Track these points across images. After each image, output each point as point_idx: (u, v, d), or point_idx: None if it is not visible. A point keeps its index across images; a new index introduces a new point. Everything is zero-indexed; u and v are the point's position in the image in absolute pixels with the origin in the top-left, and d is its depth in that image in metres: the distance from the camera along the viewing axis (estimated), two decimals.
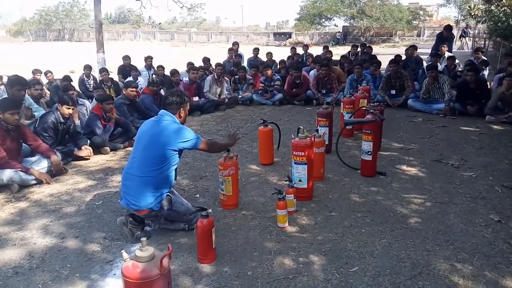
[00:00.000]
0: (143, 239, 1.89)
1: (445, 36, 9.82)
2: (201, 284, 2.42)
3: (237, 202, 3.45)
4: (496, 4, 13.85)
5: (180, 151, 3.01)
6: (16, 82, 4.75)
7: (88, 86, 8.53)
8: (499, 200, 3.48)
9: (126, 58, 9.86)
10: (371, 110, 4.17)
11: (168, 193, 2.98)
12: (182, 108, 3.07)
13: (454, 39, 10.13)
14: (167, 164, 2.92)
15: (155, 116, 3.11)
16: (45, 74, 8.44)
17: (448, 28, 10.14)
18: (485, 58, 9.50)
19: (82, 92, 7.90)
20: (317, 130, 4.06)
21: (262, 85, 8.19)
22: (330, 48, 12.01)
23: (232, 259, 2.67)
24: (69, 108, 4.68)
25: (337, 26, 42.86)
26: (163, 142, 2.89)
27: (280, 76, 8.38)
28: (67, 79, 7.36)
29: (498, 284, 2.36)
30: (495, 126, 6.01)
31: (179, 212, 2.99)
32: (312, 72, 9.04)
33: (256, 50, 11.31)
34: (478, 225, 3.05)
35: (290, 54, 11.44)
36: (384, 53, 16.38)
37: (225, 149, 3.31)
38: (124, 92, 5.96)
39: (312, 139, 3.52)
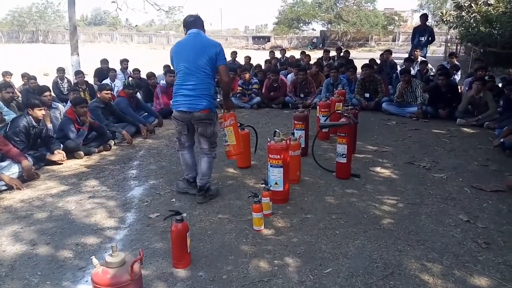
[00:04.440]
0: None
1: (422, 28, 9.86)
2: None
3: (241, 152, 3.82)
4: (467, 10, 14.31)
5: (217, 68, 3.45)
6: None
7: (62, 89, 8.35)
8: (468, 201, 3.59)
9: (104, 62, 9.71)
10: (346, 114, 4.24)
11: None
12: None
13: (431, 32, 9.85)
14: (213, 74, 3.46)
15: (190, 34, 3.48)
16: (23, 76, 8.05)
17: (424, 16, 9.99)
18: (457, 63, 9.79)
19: (56, 95, 7.72)
20: (293, 133, 4.10)
21: (240, 88, 8.21)
22: (308, 53, 12.15)
23: (207, 263, 2.66)
24: (41, 109, 4.57)
25: (315, 30, 43.45)
26: (213, 53, 3.37)
27: (258, 80, 8.41)
28: (33, 78, 7.30)
29: (466, 282, 2.43)
30: (465, 129, 6.20)
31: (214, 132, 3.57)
32: (289, 75, 9.12)
33: (234, 54, 11.34)
34: (448, 225, 3.14)
35: (269, 57, 11.53)
36: (361, 58, 16.69)
37: (227, 96, 3.68)
38: (98, 95, 5.86)
39: (288, 142, 3.55)
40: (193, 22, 3.53)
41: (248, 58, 10.89)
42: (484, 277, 2.47)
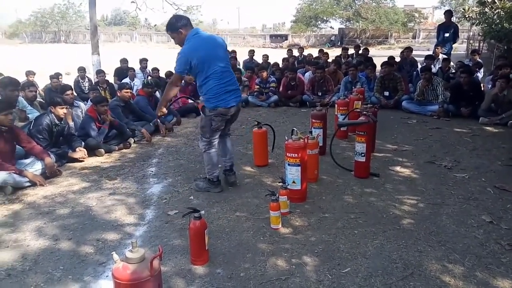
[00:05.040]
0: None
1: (446, 24, 9.69)
2: (194, 285, 2.42)
3: None
4: (490, 6, 13.91)
5: None
6: (9, 83, 4.76)
7: (83, 88, 8.51)
8: (491, 201, 3.50)
9: (124, 61, 9.86)
10: (364, 112, 4.19)
11: None
12: None
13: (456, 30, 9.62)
14: None
15: (200, 33, 3.51)
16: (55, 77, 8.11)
17: (448, 12, 9.78)
18: (480, 60, 9.56)
19: (77, 94, 7.87)
20: (310, 132, 4.08)
21: (258, 87, 8.21)
22: (326, 50, 12.07)
23: (225, 260, 2.68)
24: (62, 108, 4.68)
25: (333, 28, 43.05)
26: (226, 48, 3.69)
27: (275, 78, 8.40)
28: (56, 77, 7.43)
29: (489, 285, 2.38)
30: (488, 128, 6.05)
31: None
32: (307, 74, 9.07)
33: (251, 52, 11.34)
34: (470, 226, 3.07)
35: (287, 56, 11.49)
36: (380, 55, 16.49)
37: None
38: (118, 94, 5.96)
39: (306, 140, 3.53)
40: (190, 22, 3.60)
41: (265, 57, 10.89)
42: (507, 280, 2.41)
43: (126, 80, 8.69)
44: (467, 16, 19.93)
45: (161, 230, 3.11)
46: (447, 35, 9.56)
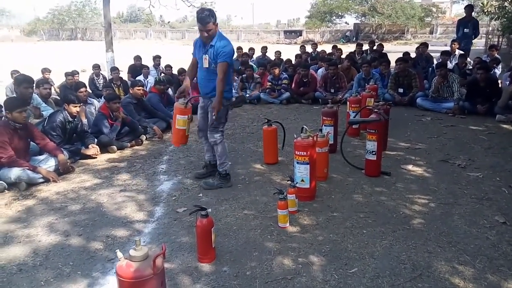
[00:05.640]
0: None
1: (466, 20, 9.47)
2: (200, 283, 2.44)
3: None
4: (510, 1, 13.56)
5: None
6: (24, 81, 4.85)
7: (98, 85, 8.61)
8: (505, 202, 3.42)
9: (137, 58, 9.93)
10: (376, 110, 4.13)
11: None
12: None
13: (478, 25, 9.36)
14: None
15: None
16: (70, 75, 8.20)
17: (469, 7, 9.58)
18: (498, 56, 9.32)
19: (92, 91, 7.97)
20: (320, 130, 4.04)
21: (270, 83, 8.17)
22: (341, 46, 11.93)
23: (231, 258, 2.68)
24: (75, 106, 4.74)
25: (348, 24, 42.54)
26: None
27: (288, 75, 8.35)
28: (70, 74, 7.51)
29: (500, 287, 2.32)
30: (505, 126, 5.91)
31: None
32: (320, 70, 9.00)
33: (264, 49, 11.30)
34: (483, 226, 3.01)
35: (299, 52, 11.40)
36: (396, 51, 16.23)
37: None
38: (131, 91, 6.01)
39: (315, 138, 3.50)
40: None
41: (278, 53, 10.84)
42: None
43: (140, 77, 8.76)
44: (485, 10, 19.41)
45: (170, 227, 3.14)
46: (466, 30, 9.34)
